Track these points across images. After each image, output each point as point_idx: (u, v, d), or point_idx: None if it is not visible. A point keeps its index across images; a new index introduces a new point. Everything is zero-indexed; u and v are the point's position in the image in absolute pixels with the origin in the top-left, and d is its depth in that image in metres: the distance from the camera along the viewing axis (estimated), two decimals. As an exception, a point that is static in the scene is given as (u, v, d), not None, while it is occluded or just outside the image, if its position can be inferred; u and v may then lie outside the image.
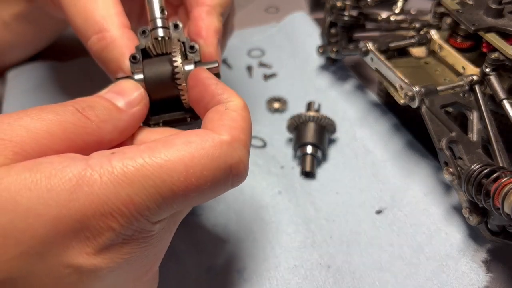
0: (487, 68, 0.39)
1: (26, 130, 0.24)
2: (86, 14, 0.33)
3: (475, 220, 0.34)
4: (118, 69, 0.33)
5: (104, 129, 0.27)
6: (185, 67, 0.31)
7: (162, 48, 0.33)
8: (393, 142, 0.46)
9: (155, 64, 0.32)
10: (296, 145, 0.44)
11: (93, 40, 0.33)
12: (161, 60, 0.32)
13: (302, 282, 0.35)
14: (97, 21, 0.33)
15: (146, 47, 0.33)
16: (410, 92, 0.38)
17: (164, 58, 0.32)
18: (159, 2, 0.33)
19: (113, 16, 0.33)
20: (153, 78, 0.32)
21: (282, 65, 0.59)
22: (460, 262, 0.36)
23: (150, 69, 0.32)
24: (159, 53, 0.33)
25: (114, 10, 0.34)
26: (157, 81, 0.32)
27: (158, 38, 0.33)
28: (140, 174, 0.23)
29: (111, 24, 0.33)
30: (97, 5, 0.33)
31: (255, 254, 0.37)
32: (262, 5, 0.76)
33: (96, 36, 0.33)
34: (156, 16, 0.33)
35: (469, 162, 0.34)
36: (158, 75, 0.32)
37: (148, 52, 0.33)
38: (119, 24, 0.33)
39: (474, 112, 0.38)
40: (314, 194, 0.42)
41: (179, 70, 0.31)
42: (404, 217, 0.39)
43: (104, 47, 0.33)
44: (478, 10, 0.42)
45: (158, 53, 0.33)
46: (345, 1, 0.49)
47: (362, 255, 0.37)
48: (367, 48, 0.43)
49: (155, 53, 0.33)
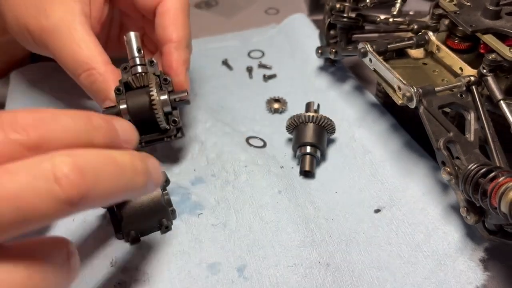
0: (484, 69, 0.39)
1: None
2: (74, 56, 0.41)
3: (473, 219, 0.34)
4: (106, 98, 0.41)
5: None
6: (160, 97, 0.40)
7: (141, 81, 0.41)
8: (391, 142, 0.46)
9: (136, 96, 0.40)
10: (296, 145, 0.45)
11: (83, 76, 0.41)
12: (141, 92, 0.40)
13: (302, 280, 0.36)
14: (85, 62, 0.41)
15: (127, 81, 0.41)
16: (408, 93, 0.38)
17: (143, 90, 0.40)
18: (136, 44, 0.41)
19: (96, 56, 0.41)
20: (135, 107, 0.40)
21: (282, 66, 0.59)
22: (458, 260, 0.36)
23: (132, 100, 0.40)
24: (139, 86, 0.41)
25: (97, 51, 0.41)
26: (138, 109, 0.40)
27: (137, 74, 0.41)
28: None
29: (96, 63, 0.41)
30: (82, 49, 0.41)
31: (255, 253, 0.38)
32: (262, 7, 0.76)
33: (85, 73, 0.41)
34: (135, 55, 0.41)
35: (466, 162, 0.35)
36: (139, 104, 0.40)
37: (129, 85, 0.41)
38: (103, 62, 0.41)
39: (472, 112, 0.38)
40: (313, 194, 0.43)
41: (156, 101, 0.39)
42: (403, 216, 0.40)
43: (92, 81, 0.41)
44: (475, 12, 0.42)
45: (138, 86, 0.41)
46: (344, 2, 0.49)
47: (361, 253, 0.37)
48: (366, 49, 0.43)
49: (135, 86, 0.41)
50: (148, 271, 0.37)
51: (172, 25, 0.43)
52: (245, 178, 0.43)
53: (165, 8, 0.44)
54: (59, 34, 0.41)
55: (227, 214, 0.41)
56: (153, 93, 0.39)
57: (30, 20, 0.42)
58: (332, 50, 0.50)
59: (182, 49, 0.43)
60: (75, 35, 0.41)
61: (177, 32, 0.43)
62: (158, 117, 0.40)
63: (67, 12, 0.42)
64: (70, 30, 0.41)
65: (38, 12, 0.42)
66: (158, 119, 0.40)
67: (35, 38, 0.43)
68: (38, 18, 0.42)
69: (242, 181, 0.43)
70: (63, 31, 0.41)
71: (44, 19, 0.41)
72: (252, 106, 0.54)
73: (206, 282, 0.36)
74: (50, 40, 0.42)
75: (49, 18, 0.41)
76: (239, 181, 0.43)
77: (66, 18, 0.41)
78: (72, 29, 0.41)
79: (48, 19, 0.41)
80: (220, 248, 0.38)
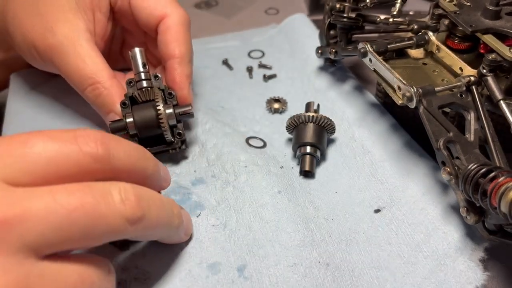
0: (484, 69, 0.39)
1: None
2: (79, 71, 0.43)
3: (473, 219, 0.34)
4: (110, 111, 0.43)
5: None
6: (166, 111, 0.41)
7: (146, 96, 0.42)
8: (391, 142, 0.46)
9: (143, 110, 0.41)
10: (296, 145, 0.45)
11: (88, 90, 0.43)
12: (147, 106, 0.42)
13: (302, 280, 0.36)
14: (90, 77, 0.43)
15: (133, 95, 0.42)
16: (408, 93, 0.38)
17: (149, 104, 0.42)
18: (141, 59, 0.43)
19: (101, 70, 0.43)
20: (142, 120, 0.41)
21: (282, 66, 0.59)
22: (457, 260, 0.36)
23: (139, 114, 0.41)
24: (144, 100, 0.42)
25: (101, 66, 0.43)
26: (144, 123, 0.41)
27: (143, 89, 0.42)
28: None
29: (101, 77, 0.43)
30: (87, 64, 0.43)
31: (255, 252, 0.38)
32: (262, 7, 0.76)
33: (90, 87, 0.43)
34: (140, 70, 0.43)
35: (466, 162, 0.35)
36: (146, 118, 0.41)
37: (135, 99, 0.42)
38: (107, 76, 0.43)
39: (472, 112, 0.38)
40: (313, 194, 0.43)
41: (162, 114, 0.41)
42: (403, 216, 0.40)
43: (97, 95, 0.43)
44: (475, 12, 0.42)
45: (143, 100, 0.42)
46: (344, 2, 0.49)
47: (360, 253, 0.38)
48: (366, 49, 0.43)
49: (141, 100, 0.42)
50: (148, 270, 0.37)
51: (174, 41, 0.45)
52: (245, 179, 0.43)
53: (167, 25, 0.45)
54: (65, 50, 0.43)
55: (227, 214, 0.41)
56: (160, 107, 0.40)
57: (36, 37, 0.44)
58: (332, 50, 0.50)
59: (185, 64, 0.45)
60: (80, 51, 0.43)
61: (180, 48, 0.45)
62: (165, 130, 0.41)
63: (72, 29, 0.43)
64: (76, 46, 0.43)
65: (44, 30, 0.43)
66: (165, 132, 0.41)
67: (42, 55, 0.44)
68: (45, 36, 0.43)
69: (242, 182, 0.43)
70: (69, 48, 0.43)
71: (50, 37, 0.43)
72: (252, 106, 0.54)
73: (207, 282, 0.36)
74: (56, 57, 0.43)
75: (55, 35, 0.43)
76: (239, 181, 0.43)
77: (71, 35, 0.43)
78: (77, 45, 0.43)
79: (54, 37, 0.43)
80: (220, 248, 0.38)
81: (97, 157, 0.27)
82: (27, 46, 0.45)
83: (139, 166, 0.31)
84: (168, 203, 0.32)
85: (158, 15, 0.45)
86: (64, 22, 0.43)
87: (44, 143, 0.26)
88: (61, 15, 0.44)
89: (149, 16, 0.46)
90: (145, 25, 0.47)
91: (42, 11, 0.44)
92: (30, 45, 0.44)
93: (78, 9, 0.45)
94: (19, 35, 0.45)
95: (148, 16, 0.46)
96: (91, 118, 0.51)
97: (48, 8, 0.44)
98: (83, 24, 0.44)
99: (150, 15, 0.46)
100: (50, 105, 0.52)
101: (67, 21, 0.44)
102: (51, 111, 0.52)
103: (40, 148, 0.26)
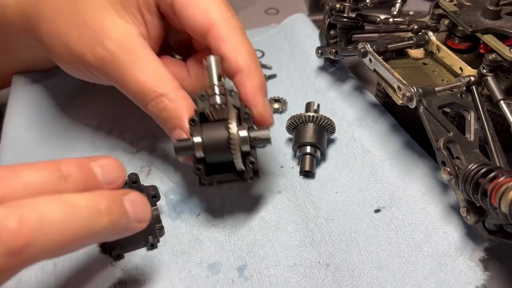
0: (484, 69, 0.39)
1: None
2: (139, 85, 0.37)
3: (473, 219, 0.34)
4: (176, 127, 0.37)
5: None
6: (239, 133, 0.35)
7: (219, 114, 0.36)
8: (391, 142, 0.46)
9: (213, 130, 0.36)
10: (296, 145, 0.45)
11: (151, 105, 0.37)
12: (218, 126, 0.36)
13: (302, 280, 0.36)
14: (152, 90, 0.37)
15: (204, 112, 0.36)
16: (408, 93, 0.38)
17: (221, 124, 0.36)
18: (217, 70, 0.37)
19: (164, 81, 0.37)
20: (211, 142, 0.35)
21: (282, 66, 0.59)
22: (457, 260, 0.36)
23: (208, 134, 0.35)
24: (217, 119, 0.36)
25: (164, 75, 0.38)
26: (213, 145, 0.35)
27: (216, 106, 0.36)
28: None
29: (165, 89, 0.37)
30: (147, 75, 0.37)
31: (255, 252, 0.38)
32: (262, 7, 0.76)
33: (154, 102, 0.37)
34: (214, 83, 0.37)
35: (466, 162, 0.35)
36: (215, 140, 0.35)
37: (206, 116, 0.36)
38: (172, 87, 0.37)
39: (472, 112, 0.38)
40: (313, 194, 0.43)
41: (234, 137, 0.34)
42: (402, 216, 0.40)
43: (162, 109, 0.37)
44: (475, 12, 0.42)
45: (215, 118, 0.36)
46: (344, 2, 0.49)
47: (360, 253, 0.37)
48: (366, 49, 0.43)
49: (212, 118, 0.36)
50: (148, 270, 0.37)
51: (233, 53, 0.38)
52: (245, 178, 0.43)
53: (218, 38, 0.38)
54: (120, 62, 0.38)
55: (227, 214, 0.41)
56: (233, 129, 0.35)
57: (85, 50, 0.39)
58: (332, 50, 0.50)
59: (254, 75, 0.38)
60: (137, 61, 0.38)
61: (243, 58, 0.38)
62: (235, 156, 0.35)
63: (125, 36, 0.38)
64: (131, 56, 0.38)
65: (93, 40, 0.38)
66: (235, 158, 0.35)
67: (93, 69, 0.40)
68: (94, 47, 0.38)
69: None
70: (124, 58, 0.38)
71: (100, 47, 0.38)
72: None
73: (207, 282, 0.36)
74: (110, 70, 0.38)
75: (106, 45, 0.38)
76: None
77: (124, 43, 0.38)
78: (133, 54, 0.38)
79: (105, 47, 0.38)
80: (220, 248, 0.38)
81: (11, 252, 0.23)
82: (73, 60, 0.40)
83: (50, 192, 0.26)
84: (88, 204, 0.26)
85: (204, 25, 0.38)
86: (114, 29, 0.38)
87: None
88: (109, 21, 0.38)
89: (194, 26, 0.39)
90: (191, 30, 0.40)
91: (85, 18, 0.39)
92: (77, 59, 0.39)
93: (126, 12, 0.39)
94: (61, 47, 0.40)
95: (194, 26, 0.39)
96: (93, 117, 0.51)
97: (92, 14, 0.39)
98: (135, 29, 0.39)
99: (196, 25, 0.39)
100: (51, 105, 0.52)
101: (117, 27, 0.38)
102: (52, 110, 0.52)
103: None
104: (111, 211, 0.27)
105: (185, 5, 0.39)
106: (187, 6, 0.39)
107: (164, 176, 0.44)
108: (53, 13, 0.40)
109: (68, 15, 0.39)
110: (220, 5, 0.39)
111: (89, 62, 0.39)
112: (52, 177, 0.26)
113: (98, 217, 0.26)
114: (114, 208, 0.27)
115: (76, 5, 0.39)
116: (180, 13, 0.39)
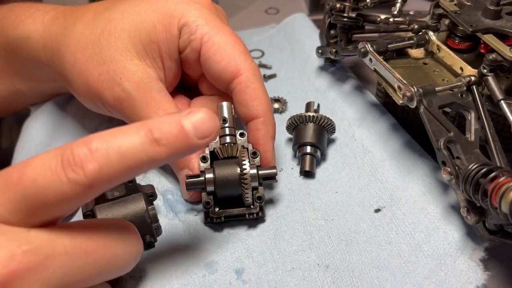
0: (484, 69, 0.39)
1: None
2: None
3: (473, 219, 0.34)
4: (184, 167, 0.40)
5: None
6: (251, 171, 0.37)
7: (229, 152, 0.39)
8: (391, 142, 0.46)
9: (225, 166, 0.38)
10: (296, 145, 0.45)
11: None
12: (229, 163, 0.38)
13: (300, 283, 0.36)
14: None
15: (215, 150, 0.39)
16: (408, 93, 0.38)
17: (231, 161, 0.39)
18: (228, 114, 0.41)
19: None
20: (222, 178, 0.38)
21: (282, 65, 0.59)
22: (458, 260, 0.36)
23: (220, 170, 0.38)
24: (226, 156, 0.39)
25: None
26: (225, 181, 0.38)
27: (225, 144, 0.39)
28: None
29: None
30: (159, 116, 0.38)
31: (254, 256, 0.38)
32: (262, 6, 0.76)
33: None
34: (225, 125, 0.40)
35: (466, 162, 0.35)
36: (227, 176, 0.38)
37: (215, 154, 0.39)
38: None
39: (472, 112, 0.38)
40: (313, 194, 0.43)
41: (247, 173, 0.37)
42: (403, 215, 0.40)
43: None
44: (476, 12, 0.42)
45: (225, 156, 0.39)
46: (344, 2, 0.49)
47: (360, 253, 0.37)
48: (366, 49, 0.43)
49: (222, 156, 0.39)
50: (144, 268, 0.36)
51: (255, 100, 0.41)
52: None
53: (244, 83, 0.41)
54: (135, 104, 0.40)
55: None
56: (246, 166, 0.37)
57: (103, 89, 0.40)
58: (332, 50, 0.50)
59: (270, 124, 0.41)
60: (152, 103, 0.40)
61: (262, 107, 0.41)
62: (247, 192, 0.37)
63: (143, 78, 0.40)
64: (147, 99, 0.40)
65: (112, 80, 0.40)
66: (246, 194, 0.38)
67: (109, 106, 0.41)
68: (112, 87, 0.40)
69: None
70: (140, 100, 0.40)
71: (118, 88, 0.40)
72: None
73: (203, 281, 0.36)
74: (126, 109, 0.40)
75: (124, 87, 0.40)
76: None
77: (142, 85, 0.40)
78: (149, 97, 0.40)
79: (124, 88, 0.40)
80: (217, 247, 0.38)
81: (84, 184, 0.26)
82: (91, 97, 0.42)
83: (145, 160, 0.27)
84: (139, 141, 0.27)
85: (232, 71, 0.41)
86: (133, 71, 0.40)
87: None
88: (129, 63, 0.40)
89: (222, 72, 0.41)
90: (215, 78, 0.42)
91: (106, 58, 0.40)
92: (96, 96, 0.41)
93: (147, 55, 0.41)
94: (81, 83, 0.41)
95: (221, 72, 0.41)
96: (93, 117, 0.51)
97: (113, 54, 0.40)
98: (154, 72, 0.41)
99: (224, 70, 0.41)
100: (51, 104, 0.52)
101: (137, 69, 0.40)
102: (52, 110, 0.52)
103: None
104: (167, 138, 0.27)
105: (215, 52, 0.41)
106: (217, 53, 0.41)
107: (162, 176, 0.44)
108: (76, 50, 0.41)
109: (91, 53, 0.41)
110: (246, 54, 0.42)
111: (107, 101, 0.41)
112: (143, 146, 0.27)
113: (153, 147, 0.27)
114: (170, 135, 0.28)
115: (100, 44, 0.41)
116: (208, 59, 0.41)
